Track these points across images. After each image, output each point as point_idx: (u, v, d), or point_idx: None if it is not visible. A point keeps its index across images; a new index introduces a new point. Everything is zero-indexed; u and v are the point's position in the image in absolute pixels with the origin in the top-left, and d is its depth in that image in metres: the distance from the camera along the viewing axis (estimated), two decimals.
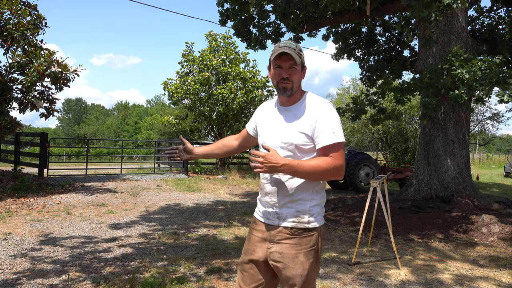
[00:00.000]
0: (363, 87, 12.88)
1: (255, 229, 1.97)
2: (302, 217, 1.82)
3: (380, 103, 8.57)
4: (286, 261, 1.81)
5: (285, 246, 1.83)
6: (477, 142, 31.94)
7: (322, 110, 1.80)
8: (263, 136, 1.96)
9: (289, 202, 1.84)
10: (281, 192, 1.86)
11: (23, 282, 3.63)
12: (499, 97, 5.98)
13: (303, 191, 1.83)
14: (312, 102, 1.86)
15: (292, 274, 1.80)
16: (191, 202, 8.72)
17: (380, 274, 4.17)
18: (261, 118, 2.03)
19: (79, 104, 70.65)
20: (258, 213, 2.00)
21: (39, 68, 8.23)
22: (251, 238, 1.97)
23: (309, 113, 1.82)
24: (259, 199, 2.00)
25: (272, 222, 1.89)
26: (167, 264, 4.28)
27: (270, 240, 1.88)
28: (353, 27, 10.05)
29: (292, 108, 1.89)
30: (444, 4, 5.45)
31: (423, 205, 7.13)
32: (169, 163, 16.75)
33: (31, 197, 8.16)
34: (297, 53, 1.80)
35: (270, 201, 1.90)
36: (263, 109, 2.07)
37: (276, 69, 1.84)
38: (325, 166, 1.74)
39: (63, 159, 24.33)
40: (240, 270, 1.98)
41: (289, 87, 1.83)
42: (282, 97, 1.91)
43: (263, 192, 1.95)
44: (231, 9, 7.90)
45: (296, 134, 1.81)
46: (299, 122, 1.83)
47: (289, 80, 1.82)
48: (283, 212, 1.85)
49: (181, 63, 16.52)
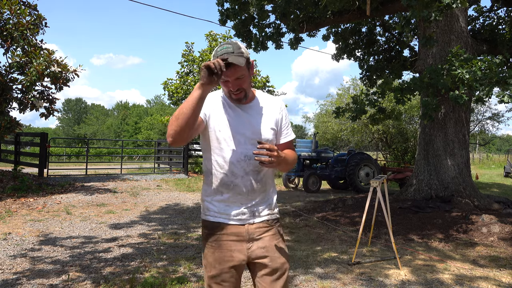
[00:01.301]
0: (363, 87, 12.88)
1: (224, 233, 1.82)
2: (273, 209, 1.91)
3: (380, 103, 8.57)
4: (271, 253, 1.84)
5: (266, 239, 1.85)
6: (477, 142, 31.95)
7: (284, 107, 1.96)
8: (224, 132, 1.81)
9: (263, 197, 1.88)
10: (258, 189, 1.84)
11: (23, 282, 3.63)
12: (499, 97, 5.97)
13: (271, 185, 1.93)
14: (270, 99, 1.94)
15: (280, 263, 1.85)
16: (191, 202, 8.72)
17: (380, 274, 4.17)
18: (216, 111, 1.83)
19: (79, 104, 70.63)
20: (221, 217, 1.83)
21: (39, 68, 8.23)
22: (221, 245, 1.81)
23: (273, 109, 1.90)
24: (223, 200, 1.83)
25: (247, 221, 1.83)
26: (167, 264, 4.28)
27: (248, 240, 1.82)
28: (353, 27, 10.05)
29: (253, 105, 1.87)
30: (444, 4, 5.45)
31: (423, 205, 7.13)
32: (169, 163, 16.75)
33: (31, 197, 8.16)
34: (238, 56, 1.68)
35: (245, 201, 1.82)
36: (211, 105, 1.84)
37: (223, 83, 1.74)
38: (294, 156, 1.90)
39: (63, 159, 24.33)
40: (218, 282, 1.82)
41: (242, 96, 1.79)
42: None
43: (235, 191, 1.81)
44: (231, 9, 7.89)
45: (268, 130, 1.86)
46: (267, 118, 1.87)
47: (241, 90, 1.76)
48: (259, 209, 1.86)
49: (181, 63, 16.54)
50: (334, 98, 21.90)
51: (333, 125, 20.21)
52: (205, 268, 1.88)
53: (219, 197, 1.83)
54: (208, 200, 1.87)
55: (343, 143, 22.13)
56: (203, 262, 1.90)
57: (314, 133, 13.53)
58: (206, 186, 1.89)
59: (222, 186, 1.82)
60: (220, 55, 1.68)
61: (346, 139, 21.06)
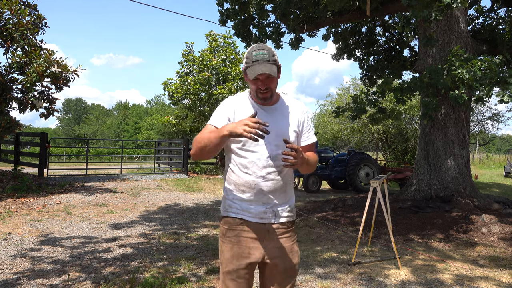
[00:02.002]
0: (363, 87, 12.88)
1: (244, 230, 1.86)
2: (291, 211, 1.96)
3: (380, 103, 8.57)
4: (285, 254, 1.89)
5: (283, 240, 1.90)
6: (477, 142, 31.94)
7: (306, 111, 2.04)
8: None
9: (284, 198, 1.92)
10: (279, 189, 1.89)
11: (23, 282, 3.63)
12: (499, 97, 5.98)
13: (291, 188, 1.97)
14: (293, 102, 2.01)
15: (292, 264, 1.91)
16: (191, 202, 8.72)
17: (380, 274, 4.17)
18: (241, 111, 1.89)
19: (79, 104, 70.61)
20: (243, 213, 1.87)
21: (39, 68, 8.23)
22: (241, 241, 1.86)
23: (296, 112, 1.97)
24: (244, 199, 1.87)
25: (268, 220, 1.88)
26: (167, 264, 4.28)
27: (266, 239, 1.88)
28: (353, 27, 10.05)
29: (277, 107, 1.94)
30: (444, 4, 5.45)
31: (423, 205, 7.13)
32: (169, 163, 16.75)
33: (31, 197, 8.16)
34: (273, 63, 1.81)
35: (267, 200, 1.87)
36: (236, 105, 1.92)
37: (252, 81, 1.83)
38: (315, 159, 1.96)
39: (63, 159, 24.33)
40: (234, 278, 1.85)
41: (269, 96, 1.87)
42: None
43: (257, 191, 1.85)
44: (231, 9, 7.89)
45: (291, 132, 1.92)
46: (290, 121, 1.94)
47: (268, 89, 1.84)
48: (280, 209, 1.90)
49: (181, 63, 16.51)
50: (334, 98, 21.91)
51: (333, 125, 20.21)
52: (221, 265, 1.92)
53: (241, 196, 1.88)
54: (230, 198, 1.91)
55: (343, 143, 22.13)
56: (220, 259, 1.94)
57: (314, 133, 13.53)
58: (228, 185, 1.94)
59: (245, 185, 1.87)
60: (255, 60, 1.78)
61: (346, 139, 21.06)
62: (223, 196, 1.98)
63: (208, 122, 1.92)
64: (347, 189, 12.40)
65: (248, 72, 1.83)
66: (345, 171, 11.82)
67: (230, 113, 1.89)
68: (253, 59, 1.80)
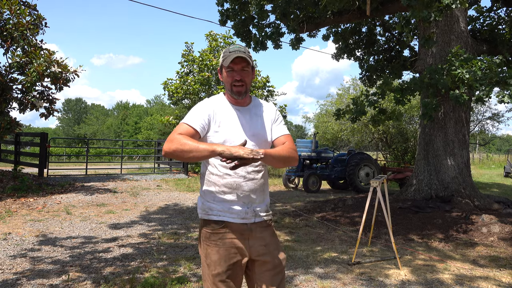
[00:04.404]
0: (363, 87, 12.88)
1: (228, 232, 1.87)
2: (268, 210, 2.02)
3: (380, 104, 8.57)
4: (271, 249, 1.94)
5: (267, 237, 1.95)
6: (477, 142, 31.92)
7: (277, 110, 2.11)
8: (227, 134, 1.89)
9: (262, 198, 1.98)
10: (258, 189, 1.94)
11: (23, 282, 3.63)
12: (499, 97, 5.97)
13: (267, 187, 2.04)
14: (265, 102, 2.10)
15: (280, 259, 1.95)
16: (191, 202, 8.72)
17: (380, 274, 4.17)
18: (218, 115, 1.91)
19: (79, 104, 70.59)
20: (225, 215, 1.87)
21: (39, 68, 8.23)
22: (226, 243, 1.86)
23: (269, 111, 2.05)
24: (226, 200, 1.88)
25: (248, 220, 1.91)
26: (167, 264, 4.28)
27: (251, 237, 1.91)
28: (353, 27, 10.05)
29: (251, 108, 2.01)
30: (443, 4, 5.45)
31: (423, 205, 7.13)
32: (169, 163, 16.74)
33: (31, 197, 8.16)
34: (248, 56, 1.90)
35: (247, 200, 1.90)
36: (214, 104, 1.95)
37: (228, 72, 1.91)
38: (288, 152, 1.92)
39: (63, 159, 24.32)
40: (224, 279, 1.85)
41: (243, 91, 1.92)
42: (235, 99, 1.96)
43: (238, 191, 1.87)
44: (231, 9, 7.90)
45: (267, 130, 2.00)
46: (265, 119, 2.02)
47: (243, 82, 1.90)
48: (258, 209, 1.94)
49: (181, 63, 16.53)
50: (334, 98, 21.87)
51: (333, 125, 20.20)
52: (208, 267, 1.89)
53: (222, 197, 1.89)
54: (210, 200, 1.91)
55: (343, 143, 22.11)
56: (206, 262, 1.90)
57: (314, 133, 13.53)
58: (207, 187, 1.92)
59: (226, 186, 1.89)
60: (233, 50, 1.88)
61: (346, 139, 21.05)
62: (200, 198, 1.97)
63: (183, 121, 1.87)
64: (347, 189, 12.39)
65: (224, 62, 1.90)
66: (345, 171, 11.82)
67: (210, 111, 1.92)
68: (229, 51, 1.90)
